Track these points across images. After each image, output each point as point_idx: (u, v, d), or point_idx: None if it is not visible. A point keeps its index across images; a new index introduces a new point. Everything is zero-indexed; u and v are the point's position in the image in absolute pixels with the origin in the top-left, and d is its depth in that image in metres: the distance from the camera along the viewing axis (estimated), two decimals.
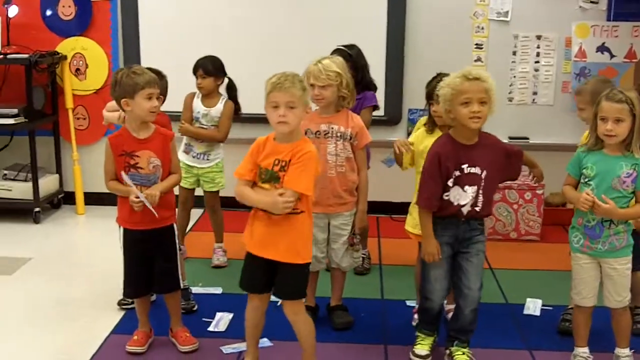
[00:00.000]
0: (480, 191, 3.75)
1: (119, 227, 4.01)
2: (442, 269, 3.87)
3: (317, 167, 3.61)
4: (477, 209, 3.78)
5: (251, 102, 5.06)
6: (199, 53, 5.23)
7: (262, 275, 3.64)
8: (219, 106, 5.15)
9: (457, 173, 3.73)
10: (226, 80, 5.27)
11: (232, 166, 5.31)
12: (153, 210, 3.82)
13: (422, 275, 3.97)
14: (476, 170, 3.73)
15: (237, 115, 5.26)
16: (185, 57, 5.28)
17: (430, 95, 4.13)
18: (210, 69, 5.13)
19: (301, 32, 6.25)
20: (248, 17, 6.37)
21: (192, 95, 5.18)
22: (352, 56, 4.90)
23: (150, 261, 3.99)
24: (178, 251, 4.07)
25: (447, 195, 3.75)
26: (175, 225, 4.05)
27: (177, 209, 4.35)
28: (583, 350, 3.91)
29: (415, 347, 3.97)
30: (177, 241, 4.06)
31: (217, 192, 5.30)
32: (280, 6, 6.34)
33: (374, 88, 5.06)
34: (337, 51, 4.90)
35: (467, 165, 3.72)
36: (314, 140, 4.04)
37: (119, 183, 3.90)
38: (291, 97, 3.47)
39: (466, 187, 3.73)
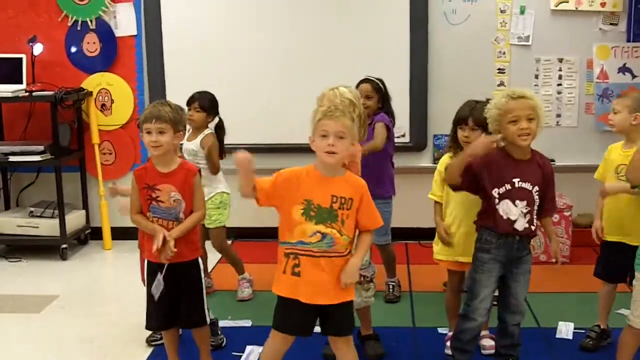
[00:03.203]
0: (531, 208, 3.77)
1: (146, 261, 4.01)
2: (491, 288, 3.87)
3: None
4: (532, 227, 3.79)
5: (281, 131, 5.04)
6: (223, 86, 5.24)
7: (309, 319, 3.52)
8: (197, 140, 5.12)
9: (508, 186, 3.75)
10: (216, 120, 5.24)
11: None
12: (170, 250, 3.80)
13: (470, 294, 3.91)
14: (527, 185, 3.76)
15: (220, 157, 5.20)
16: (210, 90, 5.26)
17: (460, 120, 4.11)
18: (206, 104, 5.12)
19: (325, 63, 6.26)
20: (273, 49, 6.42)
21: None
22: (381, 85, 4.95)
23: (173, 294, 3.95)
24: (203, 285, 4.02)
25: (497, 206, 3.76)
26: (200, 260, 4.01)
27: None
28: None
29: None
30: (202, 275, 4.01)
31: (219, 228, 5.22)
32: (304, 38, 6.38)
33: (393, 118, 5.06)
34: (366, 81, 4.93)
35: (518, 179, 3.75)
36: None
37: (144, 217, 3.89)
38: (342, 127, 3.37)
39: (517, 202, 3.75)
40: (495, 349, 4.05)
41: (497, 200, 3.77)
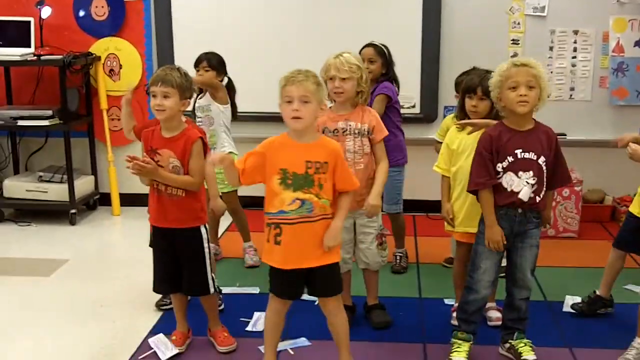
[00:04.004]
0: (539, 178, 3.74)
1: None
2: (493, 261, 3.86)
3: None
4: (538, 198, 3.77)
5: None
6: (232, 52, 5.22)
7: (297, 283, 3.61)
8: (207, 94, 5.14)
9: (511, 159, 3.73)
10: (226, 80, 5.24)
11: None
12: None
13: (471, 265, 3.92)
14: (531, 155, 3.73)
15: (234, 117, 5.23)
16: None
17: (469, 90, 4.10)
18: (214, 63, 5.12)
19: (336, 32, 6.19)
20: (283, 16, 6.37)
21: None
22: (385, 50, 4.94)
23: (175, 261, 3.97)
24: (207, 254, 4.01)
25: (499, 179, 3.75)
26: (203, 229, 3.99)
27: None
28: None
29: (451, 354, 3.92)
30: (205, 245, 3.99)
31: (233, 192, 5.22)
32: (316, 6, 6.33)
33: (397, 84, 5.03)
34: (369, 45, 4.92)
35: (521, 150, 3.73)
36: (332, 138, 4.00)
37: None
38: (305, 92, 3.40)
39: (520, 173, 3.73)
40: (502, 321, 4.04)
41: (501, 174, 3.76)
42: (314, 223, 3.47)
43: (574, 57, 6.27)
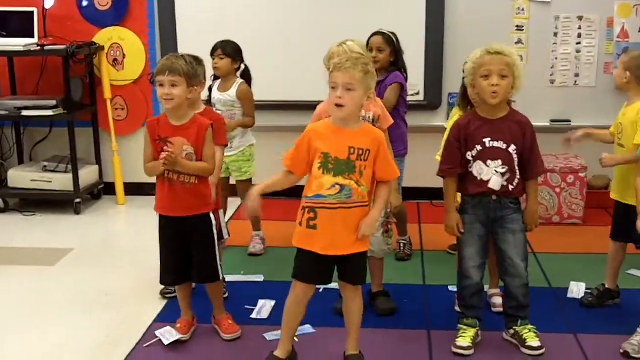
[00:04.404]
0: (510, 167, 3.74)
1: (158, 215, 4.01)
2: (474, 247, 3.89)
3: None
4: (511, 186, 3.77)
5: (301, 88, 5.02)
6: (241, 41, 5.21)
7: (328, 268, 3.59)
8: (232, 90, 5.10)
9: (479, 147, 3.75)
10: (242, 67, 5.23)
11: (262, 152, 5.26)
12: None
13: (458, 253, 3.98)
14: (499, 144, 3.74)
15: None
16: None
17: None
18: (228, 50, 5.10)
19: (341, 19, 6.18)
20: (287, 4, 6.36)
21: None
22: (393, 38, 4.92)
23: (186, 249, 3.97)
24: (216, 241, 4.04)
25: (470, 168, 3.78)
26: (212, 215, 4.01)
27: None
28: None
29: (456, 339, 3.92)
30: (214, 231, 4.02)
31: (248, 180, 5.24)
32: None
33: (405, 72, 5.01)
34: (377, 33, 4.90)
35: (489, 139, 3.74)
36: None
37: (153, 162, 3.87)
38: (350, 79, 3.35)
39: (488, 162, 3.74)
40: (503, 309, 4.04)
41: (470, 162, 3.78)
42: (349, 209, 3.45)
43: (578, 43, 6.25)
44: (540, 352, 3.83)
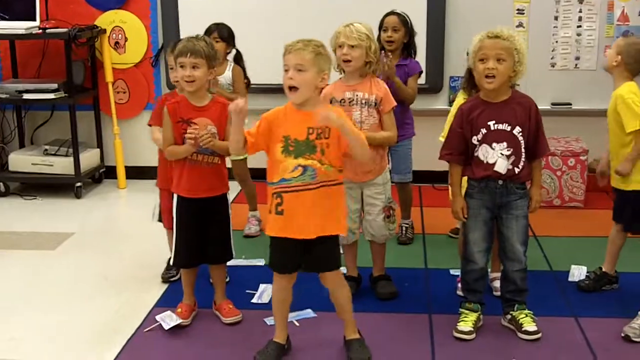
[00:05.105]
0: (515, 149, 3.74)
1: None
2: (480, 232, 3.88)
3: None
4: (517, 169, 3.77)
5: None
6: (238, 25, 5.21)
7: (296, 255, 3.59)
8: (227, 73, 5.12)
9: (484, 131, 3.75)
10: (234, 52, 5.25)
11: None
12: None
13: (464, 237, 3.98)
14: (504, 126, 3.74)
15: (246, 86, 5.24)
16: None
17: None
18: (224, 34, 5.13)
19: (341, 1, 6.17)
20: None
21: None
22: (407, 19, 4.97)
23: (203, 231, 3.98)
24: (230, 221, 4.06)
25: (476, 152, 3.78)
26: (227, 195, 4.05)
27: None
28: None
29: (458, 324, 3.93)
30: (229, 211, 4.06)
31: (243, 160, 5.22)
32: None
33: (414, 54, 5.05)
34: (394, 14, 4.95)
35: (494, 122, 3.74)
36: (338, 108, 4.05)
37: (178, 145, 3.89)
38: (300, 60, 3.38)
39: (494, 145, 3.74)
40: (501, 294, 4.05)
41: (476, 147, 3.78)
42: (316, 190, 3.46)
43: (579, 27, 6.23)
44: (536, 336, 3.85)
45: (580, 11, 6.21)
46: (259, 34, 6.17)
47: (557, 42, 6.24)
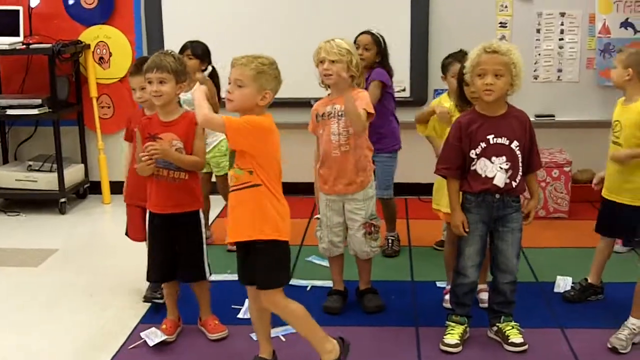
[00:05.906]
0: (513, 163, 3.75)
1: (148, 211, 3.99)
2: (476, 246, 3.88)
3: None
4: (514, 183, 3.77)
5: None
6: (222, 40, 5.22)
7: (239, 260, 3.59)
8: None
9: (483, 145, 3.74)
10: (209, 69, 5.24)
11: None
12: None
13: (457, 251, 3.95)
14: (503, 140, 3.74)
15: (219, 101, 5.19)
16: (209, 44, 5.24)
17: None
18: (198, 51, 5.13)
19: (327, 16, 6.22)
20: (273, 4, 6.38)
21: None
22: (381, 39, 4.96)
23: (173, 247, 3.96)
24: (204, 239, 4.03)
25: (473, 166, 3.77)
26: (201, 213, 4.01)
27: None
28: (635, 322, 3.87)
29: (445, 336, 3.93)
30: (202, 229, 4.01)
31: (226, 175, 5.22)
32: None
33: (391, 75, 5.04)
34: (367, 33, 4.95)
35: (493, 136, 3.73)
36: (321, 123, 4.09)
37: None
38: (240, 75, 3.36)
39: (493, 158, 3.74)
40: (489, 305, 4.05)
41: (474, 161, 3.77)
42: (232, 194, 3.47)
43: (561, 39, 6.29)
44: (523, 348, 3.85)
45: (562, 24, 6.26)
46: (244, 49, 6.14)
47: (539, 54, 6.28)
